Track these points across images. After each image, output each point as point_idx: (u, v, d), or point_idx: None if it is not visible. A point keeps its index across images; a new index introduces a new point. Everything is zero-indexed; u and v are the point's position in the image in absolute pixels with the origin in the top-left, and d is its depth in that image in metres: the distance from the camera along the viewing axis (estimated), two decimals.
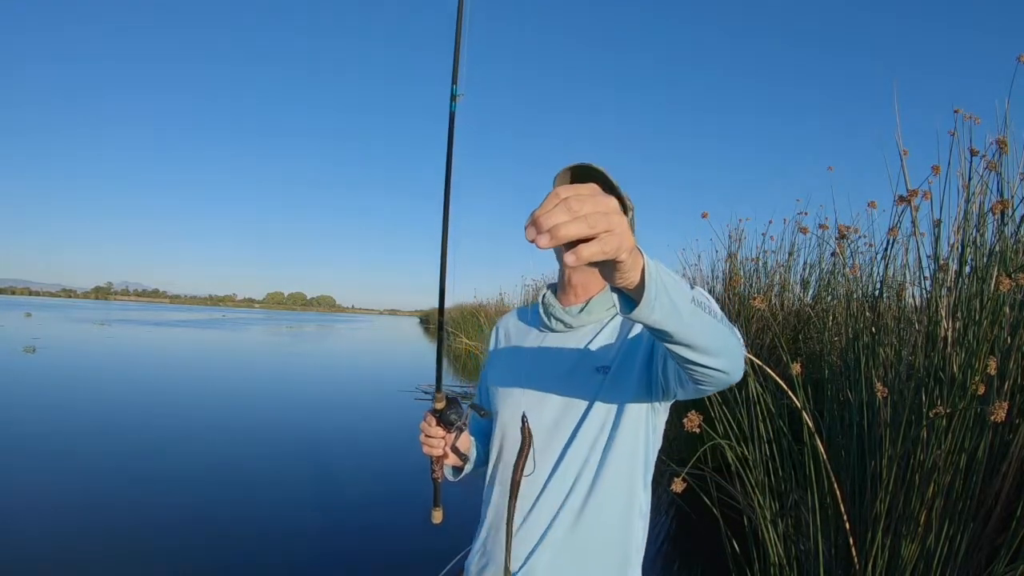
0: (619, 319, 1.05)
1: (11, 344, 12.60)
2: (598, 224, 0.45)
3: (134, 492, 3.68)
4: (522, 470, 0.89)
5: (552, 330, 1.07)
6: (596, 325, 1.05)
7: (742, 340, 0.76)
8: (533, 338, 1.11)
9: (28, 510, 3.29)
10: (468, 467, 1.13)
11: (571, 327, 1.05)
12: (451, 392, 1.07)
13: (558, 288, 1.11)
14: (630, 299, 0.59)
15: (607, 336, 1.03)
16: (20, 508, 3.32)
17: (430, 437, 1.02)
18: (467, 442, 1.09)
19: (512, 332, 1.17)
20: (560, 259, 1.02)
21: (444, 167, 0.98)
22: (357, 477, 4.38)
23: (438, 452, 1.03)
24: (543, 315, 1.09)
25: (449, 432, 1.02)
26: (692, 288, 0.65)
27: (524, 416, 0.90)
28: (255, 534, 3.15)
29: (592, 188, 0.47)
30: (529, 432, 0.89)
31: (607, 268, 0.53)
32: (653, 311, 0.56)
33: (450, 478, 1.12)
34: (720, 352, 0.68)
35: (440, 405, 1.02)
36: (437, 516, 1.10)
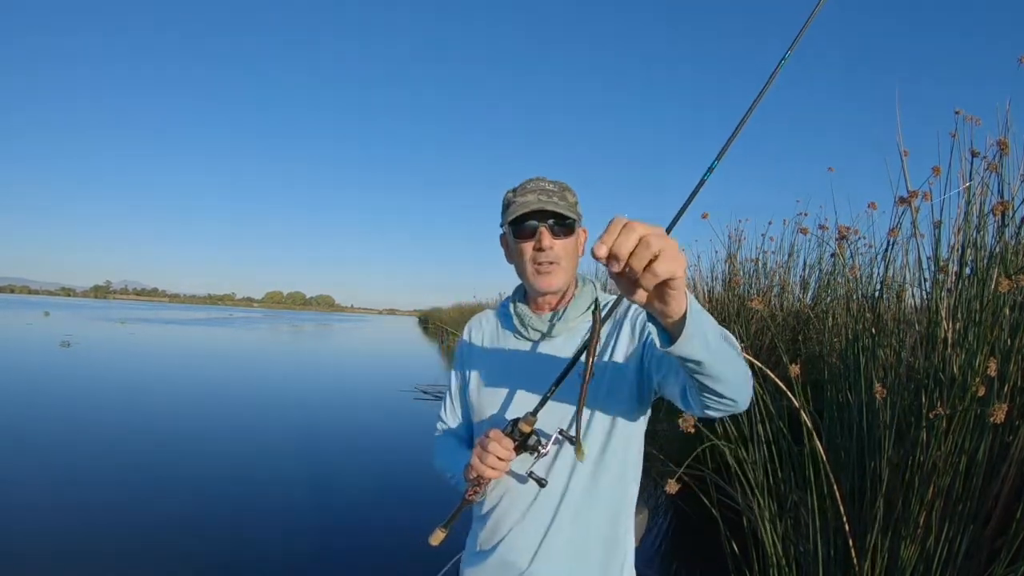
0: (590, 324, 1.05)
1: (48, 340, 13.48)
2: (656, 244, 0.53)
3: (135, 491, 3.68)
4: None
5: (527, 338, 1.07)
6: (570, 333, 1.04)
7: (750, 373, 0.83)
8: (511, 344, 1.09)
9: (29, 509, 3.30)
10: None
11: (548, 335, 1.05)
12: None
13: (527, 296, 1.10)
14: (665, 332, 0.66)
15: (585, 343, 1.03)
16: (21, 506, 3.32)
17: (501, 460, 0.89)
18: None
19: (487, 334, 1.15)
20: (525, 275, 1.03)
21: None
22: (355, 477, 4.38)
23: (498, 476, 0.91)
24: (517, 324, 1.08)
25: (519, 455, 0.92)
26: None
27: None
28: (254, 533, 3.16)
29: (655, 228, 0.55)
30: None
31: (660, 291, 0.58)
32: (692, 343, 0.64)
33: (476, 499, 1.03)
34: (737, 384, 0.75)
35: (529, 428, 0.90)
36: (439, 537, 0.99)
